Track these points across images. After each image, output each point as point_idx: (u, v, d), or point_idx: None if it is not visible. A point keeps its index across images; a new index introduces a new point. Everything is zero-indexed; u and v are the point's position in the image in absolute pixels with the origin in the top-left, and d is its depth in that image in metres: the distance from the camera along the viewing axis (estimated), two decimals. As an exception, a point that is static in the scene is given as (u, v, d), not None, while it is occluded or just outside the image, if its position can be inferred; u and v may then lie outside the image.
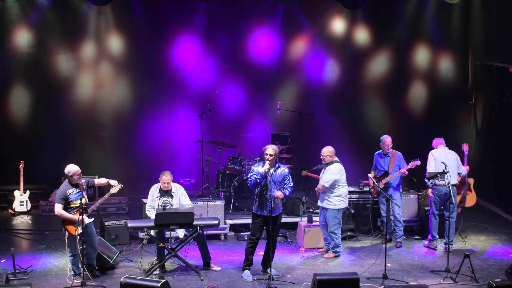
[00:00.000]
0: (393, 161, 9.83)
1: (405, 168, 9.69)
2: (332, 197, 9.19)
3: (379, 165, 10.00)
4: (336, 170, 9.15)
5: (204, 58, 13.19)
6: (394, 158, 9.85)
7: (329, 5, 13.38)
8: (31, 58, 12.64)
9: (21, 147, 12.59)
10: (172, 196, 8.83)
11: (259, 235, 8.43)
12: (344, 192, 9.26)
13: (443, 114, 13.85)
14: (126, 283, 7.23)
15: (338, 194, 9.19)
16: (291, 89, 13.59)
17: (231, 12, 13.15)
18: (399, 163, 9.83)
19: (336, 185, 9.15)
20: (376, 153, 10.12)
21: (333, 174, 9.13)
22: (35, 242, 10.13)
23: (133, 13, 12.86)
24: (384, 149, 9.92)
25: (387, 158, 9.90)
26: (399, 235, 9.93)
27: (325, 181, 9.14)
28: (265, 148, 8.31)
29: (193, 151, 12.51)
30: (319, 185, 9.22)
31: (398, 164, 9.82)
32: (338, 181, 9.15)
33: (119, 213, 11.90)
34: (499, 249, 9.79)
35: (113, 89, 13.05)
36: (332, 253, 9.33)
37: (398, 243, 9.90)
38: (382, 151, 9.98)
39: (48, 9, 12.44)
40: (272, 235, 8.38)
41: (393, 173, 9.77)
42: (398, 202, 9.83)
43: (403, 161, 9.86)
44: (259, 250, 8.65)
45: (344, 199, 9.28)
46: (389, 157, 9.89)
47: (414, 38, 13.70)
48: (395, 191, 9.85)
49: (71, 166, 8.25)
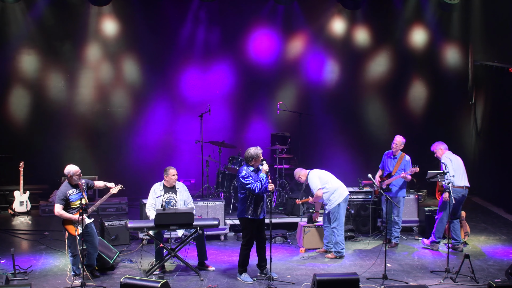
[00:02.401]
0: (399, 164, 9.74)
1: (406, 173, 9.60)
2: (330, 198, 9.21)
3: (386, 165, 9.94)
4: (313, 180, 9.23)
5: (204, 58, 13.19)
6: (401, 161, 9.76)
7: (329, 5, 13.39)
8: (31, 58, 12.65)
9: (21, 147, 12.61)
10: (176, 192, 8.87)
11: (253, 240, 8.33)
12: (334, 187, 9.23)
13: (443, 114, 13.85)
14: (126, 283, 7.22)
15: (331, 192, 9.19)
16: (291, 89, 13.60)
17: (231, 13, 13.16)
18: (405, 167, 9.74)
19: (324, 187, 9.19)
20: (386, 153, 10.03)
21: (313, 183, 9.21)
22: (35, 242, 10.13)
23: (133, 14, 12.87)
24: (392, 149, 9.85)
25: (395, 160, 9.82)
26: (394, 236, 9.93)
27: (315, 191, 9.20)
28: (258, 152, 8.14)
29: (193, 152, 12.51)
30: (314, 198, 9.30)
31: (404, 168, 9.73)
32: (322, 182, 9.20)
33: (119, 213, 11.90)
34: (499, 250, 9.78)
35: (113, 89, 13.06)
36: (334, 253, 9.31)
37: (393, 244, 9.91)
38: (391, 150, 9.91)
39: (48, 9, 12.45)
40: (264, 236, 8.36)
41: (395, 176, 9.76)
42: (400, 204, 9.79)
43: (410, 166, 9.73)
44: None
45: (339, 192, 9.20)
46: (396, 158, 9.81)
47: (413, 38, 13.70)
48: (396, 194, 9.81)
49: (71, 166, 8.25)
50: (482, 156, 13.52)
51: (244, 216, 8.21)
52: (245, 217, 8.20)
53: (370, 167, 10.22)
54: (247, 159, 8.21)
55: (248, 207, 8.15)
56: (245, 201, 8.15)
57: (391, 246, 9.83)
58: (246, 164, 8.25)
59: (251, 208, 8.14)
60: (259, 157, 8.17)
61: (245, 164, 8.27)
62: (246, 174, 8.12)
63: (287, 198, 11.26)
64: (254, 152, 8.17)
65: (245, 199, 8.14)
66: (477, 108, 13.75)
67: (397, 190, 9.78)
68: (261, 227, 8.32)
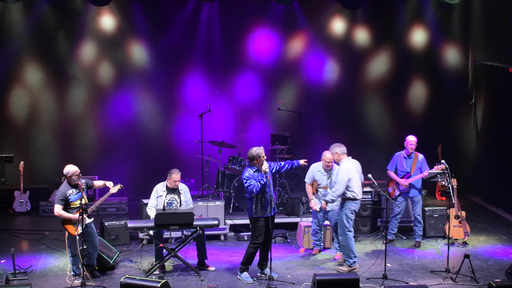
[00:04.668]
0: (415, 163, 9.75)
1: (427, 171, 9.67)
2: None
3: (401, 166, 9.87)
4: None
5: (204, 58, 13.19)
6: (416, 160, 9.78)
7: (329, 5, 13.38)
8: (31, 58, 12.65)
9: (21, 147, 12.61)
10: (179, 194, 8.88)
11: (263, 238, 8.33)
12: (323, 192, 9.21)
13: (443, 114, 13.85)
14: (126, 283, 7.22)
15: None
16: (291, 89, 13.59)
17: (231, 13, 13.15)
18: (421, 165, 9.77)
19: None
20: (398, 154, 9.96)
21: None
22: (35, 242, 10.12)
23: (133, 14, 12.87)
24: (407, 149, 9.82)
25: (410, 160, 9.82)
26: (418, 235, 9.93)
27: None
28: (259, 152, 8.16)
29: (193, 152, 12.51)
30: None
31: (420, 167, 9.75)
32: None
33: (119, 213, 11.90)
34: (499, 249, 9.78)
35: (113, 89, 13.05)
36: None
37: (417, 243, 9.91)
38: (405, 151, 9.87)
39: (48, 10, 12.45)
40: (271, 235, 8.38)
41: (414, 176, 9.75)
42: (419, 204, 9.86)
43: (426, 164, 9.79)
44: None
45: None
46: (411, 158, 9.81)
47: (413, 38, 13.70)
48: (418, 193, 9.84)
49: (70, 166, 8.25)
50: (482, 156, 13.51)
51: (252, 215, 8.27)
52: (253, 216, 8.26)
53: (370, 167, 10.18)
54: (249, 159, 8.25)
55: (254, 206, 8.21)
56: (251, 201, 8.23)
57: (417, 246, 9.84)
58: (250, 164, 8.29)
59: (257, 207, 8.20)
60: (260, 157, 8.18)
61: (248, 165, 8.32)
62: (248, 175, 8.17)
63: (287, 198, 11.26)
64: (255, 152, 8.20)
65: (251, 198, 8.22)
66: (477, 108, 13.75)
67: (419, 189, 9.85)
68: (272, 226, 8.33)
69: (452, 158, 11.59)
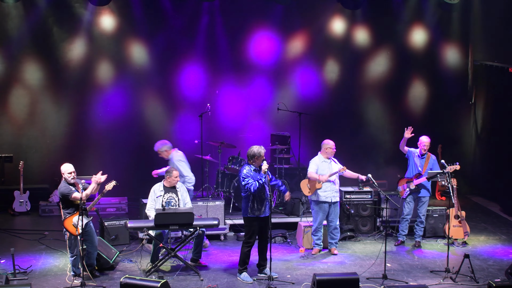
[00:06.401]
0: (427, 164, 9.79)
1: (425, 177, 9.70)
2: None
3: (414, 164, 9.92)
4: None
5: (204, 58, 13.19)
6: (428, 160, 9.81)
7: (329, 5, 13.38)
8: (31, 58, 12.65)
9: (21, 147, 12.60)
10: (177, 192, 8.89)
11: (255, 237, 8.36)
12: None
13: (443, 114, 13.85)
14: (126, 283, 7.22)
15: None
16: (291, 89, 13.59)
17: (231, 13, 13.15)
18: (432, 166, 9.80)
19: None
20: (414, 151, 9.96)
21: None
22: (35, 242, 10.12)
23: (133, 14, 12.87)
24: (420, 150, 9.85)
25: (423, 159, 9.86)
26: (418, 235, 9.95)
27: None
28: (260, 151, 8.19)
29: (193, 151, 12.50)
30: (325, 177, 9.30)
31: (431, 167, 9.79)
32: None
33: (119, 213, 11.91)
34: (499, 249, 9.79)
35: (113, 89, 13.05)
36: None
37: (417, 243, 9.93)
38: (419, 151, 9.88)
39: (48, 10, 12.45)
40: (267, 235, 8.35)
41: (425, 176, 9.77)
42: (426, 204, 9.91)
43: (437, 164, 9.83)
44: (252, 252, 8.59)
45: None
46: (424, 158, 9.85)
47: (413, 38, 13.70)
48: (427, 193, 9.87)
49: (64, 165, 8.24)
50: (482, 156, 13.52)
51: (246, 215, 8.25)
52: (247, 216, 8.24)
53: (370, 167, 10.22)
54: (248, 157, 8.25)
55: (250, 205, 8.18)
56: (247, 200, 8.20)
57: (417, 246, 9.87)
58: (247, 163, 8.27)
59: (253, 207, 8.17)
60: (260, 156, 8.19)
61: (246, 163, 8.30)
62: (245, 173, 8.16)
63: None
64: (256, 151, 8.21)
65: (247, 198, 8.19)
66: (477, 108, 13.76)
67: (429, 189, 9.88)
68: (265, 226, 8.31)
69: (452, 158, 11.56)
